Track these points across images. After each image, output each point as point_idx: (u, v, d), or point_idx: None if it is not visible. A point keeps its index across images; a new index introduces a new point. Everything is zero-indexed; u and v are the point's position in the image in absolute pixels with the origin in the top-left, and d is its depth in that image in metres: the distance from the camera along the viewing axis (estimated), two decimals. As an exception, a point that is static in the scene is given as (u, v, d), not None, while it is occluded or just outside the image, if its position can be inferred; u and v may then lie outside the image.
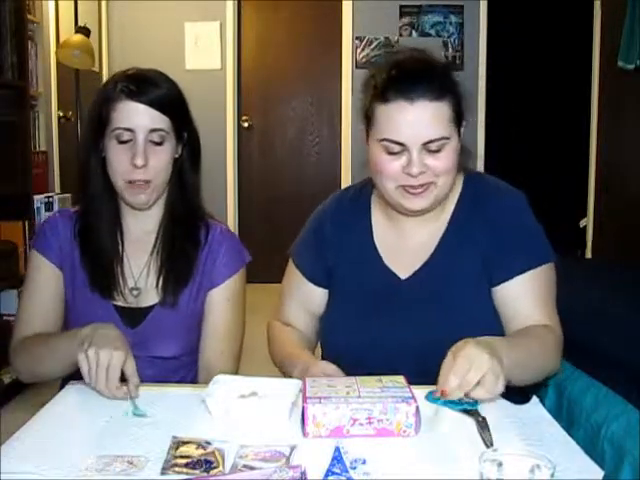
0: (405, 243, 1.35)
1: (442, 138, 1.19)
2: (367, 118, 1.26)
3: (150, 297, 1.39)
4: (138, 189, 1.33)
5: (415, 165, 1.19)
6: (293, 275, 1.44)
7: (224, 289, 1.41)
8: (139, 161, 1.30)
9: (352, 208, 1.40)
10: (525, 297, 1.25)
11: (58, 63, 3.87)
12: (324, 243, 1.40)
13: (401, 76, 1.21)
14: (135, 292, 1.39)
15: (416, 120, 1.18)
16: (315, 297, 1.41)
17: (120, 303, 1.39)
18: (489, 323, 1.27)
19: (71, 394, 1.17)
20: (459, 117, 1.24)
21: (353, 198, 1.42)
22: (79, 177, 1.40)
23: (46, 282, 1.40)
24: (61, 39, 3.92)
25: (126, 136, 1.31)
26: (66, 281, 1.41)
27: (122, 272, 1.39)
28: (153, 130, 1.32)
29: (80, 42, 3.75)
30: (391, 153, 1.21)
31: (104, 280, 1.37)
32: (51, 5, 3.86)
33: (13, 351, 1.39)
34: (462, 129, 1.27)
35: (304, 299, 1.42)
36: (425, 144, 1.19)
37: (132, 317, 1.38)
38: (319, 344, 1.43)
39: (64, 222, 1.42)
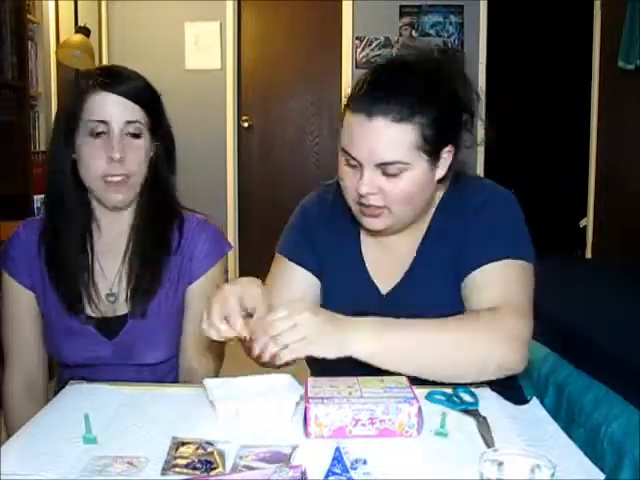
0: (388, 255, 1.29)
1: (398, 162, 1.11)
2: (341, 122, 1.20)
3: (125, 304, 1.33)
4: (115, 187, 1.27)
5: (364, 185, 1.12)
6: (280, 268, 1.33)
7: (203, 283, 1.35)
8: (116, 154, 1.24)
9: (340, 212, 1.31)
10: (483, 291, 1.15)
11: (58, 63, 3.86)
12: (313, 238, 1.33)
13: (369, 87, 1.13)
14: (111, 298, 1.33)
15: (371, 139, 1.10)
16: (307, 284, 1.31)
17: (95, 314, 1.32)
18: None
19: (71, 394, 1.17)
20: (436, 143, 1.14)
21: (335, 199, 1.33)
22: (47, 180, 1.33)
23: (23, 309, 1.35)
24: (61, 39, 3.92)
25: (100, 128, 1.25)
26: (39, 299, 1.35)
27: (93, 282, 1.32)
28: (129, 122, 1.26)
29: (80, 42, 3.76)
30: (350, 165, 1.16)
31: (75, 295, 1.31)
32: (51, 5, 3.86)
33: (6, 398, 1.37)
34: (445, 154, 1.17)
35: (295, 288, 1.30)
36: (379, 165, 1.12)
37: (109, 328, 1.32)
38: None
39: (28, 234, 1.36)
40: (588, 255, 4.59)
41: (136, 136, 1.28)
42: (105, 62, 4.83)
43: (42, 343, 1.38)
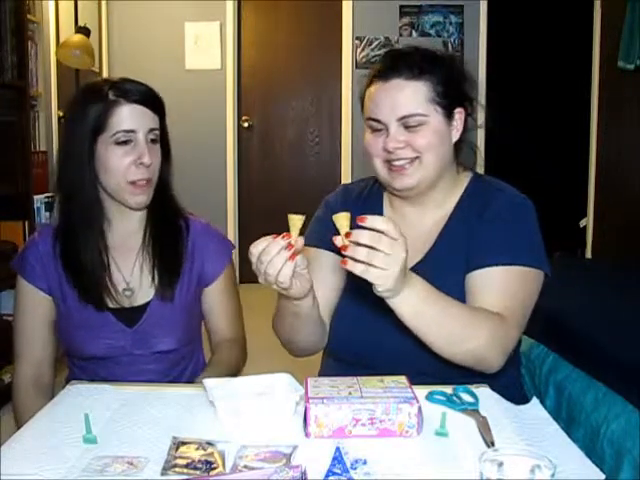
0: (410, 235, 1.33)
1: (417, 114, 1.23)
2: (361, 104, 1.33)
3: (144, 294, 1.41)
4: (140, 189, 1.35)
5: (391, 141, 1.24)
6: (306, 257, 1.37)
7: (220, 283, 1.47)
8: (147, 159, 1.33)
9: (364, 202, 1.41)
10: (489, 290, 1.21)
11: (58, 63, 3.86)
12: (336, 227, 1.38)
13: (384, 62, 1.29)
14: (128, 293, 1.40)
15: (390, 97, 1.24)
16: (334, 264, 1.33)
17: (114, 306, 1.39)
18: None
19: (71, 394, 1.17)
20: (447, 100, 1.26)
21: (361, 192, 1.43)
22: (66, 188, 1.38)
23: (36, 310, 1.42)
24: (61, 39, 3.91)
25: (127, 137, 1.33)
26: (57, 299, 1.41)
27: (111, 279, 1.39)
28: (151, 130, 1.36)
29: (80, 42, 3.75)
30: (375, 131, 1.27)
31: (94, 293, 1.38)
32: (51, 5, 3.86)
33: (16, 393, 1.42)
34: (457, 115, 1.29)
35: (321, 271, 1.34)
36: (401, 120, 1.24)
37: (129, 316, 1.39)
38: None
39: (44, 240, 1.43)
40: (588, 255, 4.59)
41: (155, 142, 1.38)
42: (105, 62, 4.84)
43: (51, 342, 1.45)
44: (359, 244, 0.98)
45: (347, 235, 0.99)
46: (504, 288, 1.22)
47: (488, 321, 1.16)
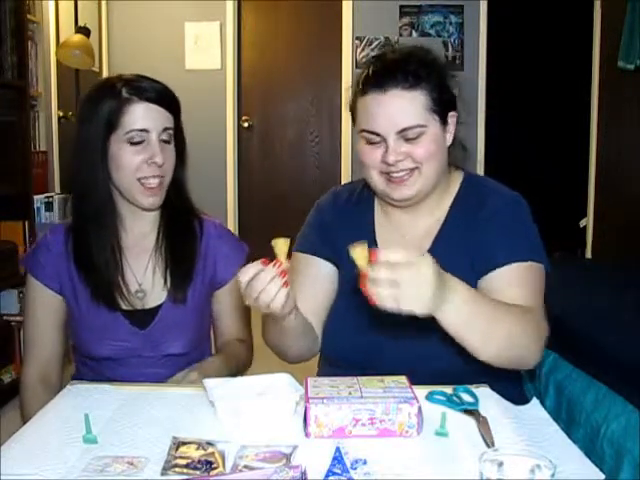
0: (402, 240, 1.33)
1: (417, 126, 1.21)
2: (352, 113, 1.29)
3: (156, 297, 1.40)
4: (150, 191, 1.34)
5: (391, 154, 1.21)
6: (296, 264, 1.36)
7: (232, 286, 1.45)
8: (159, 159, 1.31)
9: (354, 206, 1.39)
10: (508, 288, 1.21)
11: (58, 63, 3.87)
12: (328, 233, 1.37)
13: (377, 69, 1.24)
14: (140, 294, 1.40)
15: (389, 109, 1.20)
16: (325, 272, 1.35)
17: (126, 307, 1.39)
18: None
19: (71, 394, 1.17)
20: (441, 106, 1.24)
21: (350, 195, 1.41)
22: (79, 187, 1.38)
23: (46, 310, 1.42)
24: (61, 39, 3.91)
25: (139, 137, 1.31)
26: (68, 299, 1.41)
27: (123, 279, 1.38)
28: (165, 129, 1.34)
29: (80, 42, 3.75)
30: (371, 143, 1.24)
31: (107, 293, 1.37)
32: (51, 5, 3.86)
33: (23, 390, 1.43)
34: (450, 119, 1.27)
35: (312, 279, 1.34)
36: (400, 132, 1.21)
37: (141, 319, 1.39)
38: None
39: (56, 239, 1.42)
40: (588, 255, 4.59)
41: (168, 142, 1.36)
42: (105, 62, 4.83)
43: (60, 341, 1.45)
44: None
45: (364, 276, 0.97)
46: (522, 284, 1.22)
47: (520, 315, 1.15)
